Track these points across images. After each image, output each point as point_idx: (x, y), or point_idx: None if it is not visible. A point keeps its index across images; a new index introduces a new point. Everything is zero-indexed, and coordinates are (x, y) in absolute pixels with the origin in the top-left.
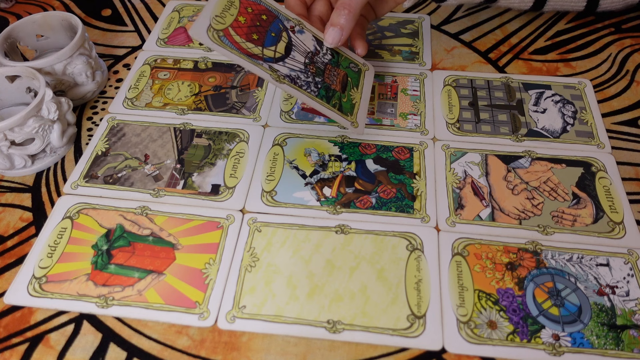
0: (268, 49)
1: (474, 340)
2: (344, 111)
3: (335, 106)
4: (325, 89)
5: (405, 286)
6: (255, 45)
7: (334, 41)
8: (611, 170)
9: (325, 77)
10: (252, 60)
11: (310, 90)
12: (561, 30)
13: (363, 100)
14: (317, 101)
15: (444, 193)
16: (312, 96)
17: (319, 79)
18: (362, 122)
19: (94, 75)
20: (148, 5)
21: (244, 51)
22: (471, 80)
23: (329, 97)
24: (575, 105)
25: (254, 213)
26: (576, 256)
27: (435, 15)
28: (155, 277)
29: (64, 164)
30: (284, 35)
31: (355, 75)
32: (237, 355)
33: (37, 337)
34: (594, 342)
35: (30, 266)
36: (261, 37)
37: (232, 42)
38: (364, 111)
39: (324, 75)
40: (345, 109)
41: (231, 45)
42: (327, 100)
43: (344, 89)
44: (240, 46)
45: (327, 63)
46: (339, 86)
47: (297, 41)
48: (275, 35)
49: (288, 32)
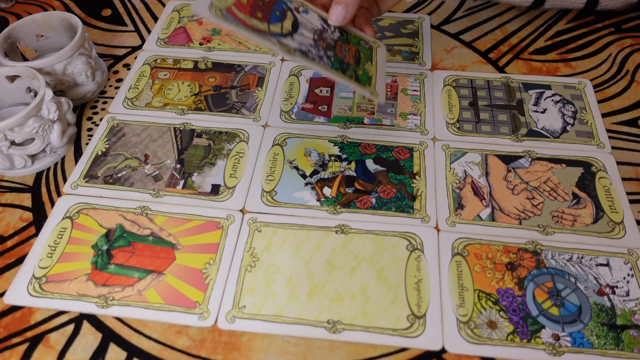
0: (274, 24)
1: (474, 340)
2: (361, 82)
3: (351, 77)
4: (339, 62)
5: (405, 286)
6: (261, 22)
7: (339, 18)
8: (611, 170)
9: (337, 52)
10: (260, 34)
11: (325, 63)
12: (561, 30)
13: (379, 73)
14: (333, 72)
15: (444, 193)
16: (327, 68)
17: (330, 52)
18: (382, 92)
19: (94, 75)
20: (148, 5)
21: (250, 27)
22: (471, 80)
23: (343, 69)
24: (575, 105)
25: (254, 213)
26: (576, 256)
27: (435, 15)
28: (155, 277)
29: (64, 164)
30: (288, 14)
31: (367, 52)
32: (237, 355)
33: (37, 337)
34: (594, 342)
35: (30, 266)
36: (265, 15)
37: (237, 18)
38: (382, 82)
39: (335, 50)
40: (363, 81)
41: (235, 21)
42: (342, 72)
43: (358, 62)
44: (245, 22)
45: (337, 40)
46: (352, 60)
47: (303, 19)
48: (280, 15)
49: (293, 11)
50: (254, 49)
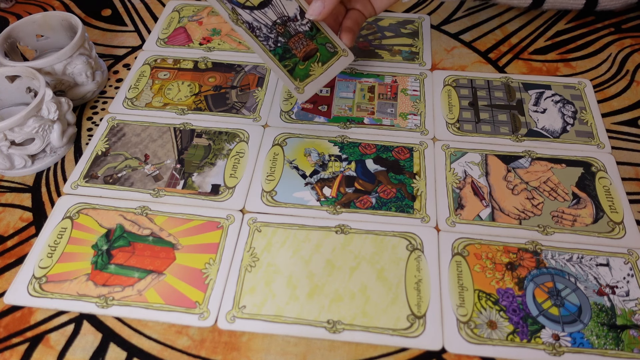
0: None
1: (474, 340)
2: (294, 75)
3: (286, 67)
4: (283, 50)
5: (405, 286)
6: None
7: (314, 12)
8: (611, 170)
9: (289, 41)
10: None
11: (267, 45)
12: (561, 30)
13: (322, 76)
14: (269, 55)
15: (444, 193)
16: (265, 49)
17: (282, 39)
18: (310, 92)
19: (94, 75)
20: (148, 5)
21: None
22: (471, 80)
23: (284, 57)
24: (575, 105)
25: (254, 213)
26: (576, 256)
27: (435, 15)
28: (155, 277)
29: (64, 164)
30: None
31: (328, 54)
32: (237, 355)
33: (37, 337)
34: (594, 342)
35: (30, 266)
36: None
37: None
38: (318, 84)
39: (289, 40)
40: (297, 74)
41: None
42: (280, 59)
43: (306, 59)
44: None
45: (301, 32)
46: (301, 54)
47: (277, 3)
48: None
49: None
50: None
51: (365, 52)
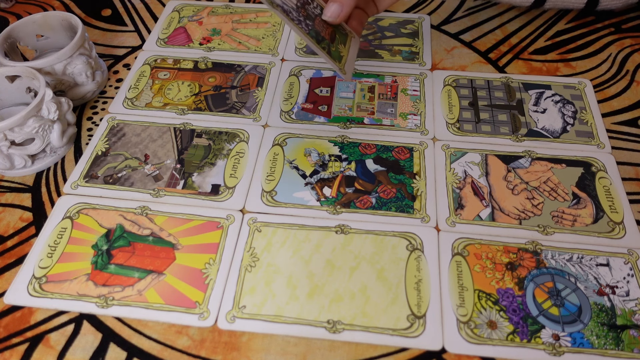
0: None
1: (474, 340)
2: (332, 57)
3: (324, 49)
4: (315, 32)
5: (405, 286)
6: None
7: (333, 15)
8: (611, 170)
9: (315, 24)
10: None
11: (302, 27)
12: (561, 30)
13: (350, 56)
14: (310, 38)
15: (444, 193)
16: (304, 32)
17: (309, 22)
18: (349, 72)
19: (94, 75)
20: (148, 5)
21: None
22: (471, 80)
23: (319, 39)
24: (575, 105)
25: (254, 213)
26: (576, 256)
27: (435, 15)
28: (155, 277)
29: (64, 164)
30: None
31: (343, 36)
32: (237, 355)
33: (37, 337)
34: (594, 342)
35: (30, 266)
36: None
37: None
38: (351, 63)
39: (314, 22)
40: (335, 56)
41: None
42: (317, 41)
43: (333, 40)
44: None
45: (318, 15)
46: (328, 36)
47: None
48: None
49: None
50: (254, 49)
51: (365, 52)
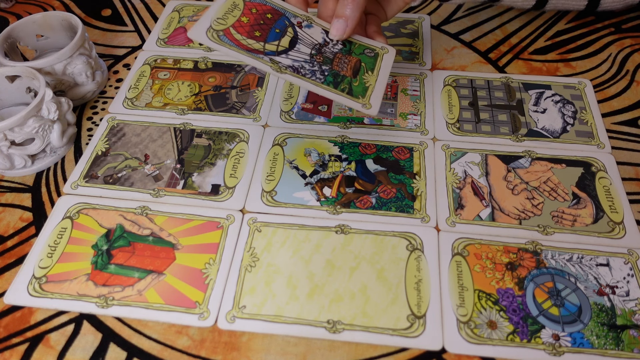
0: (270, 43)
1: (474, 340)
2: (354, 94)
3: (344, 91)
4: (333, 76)
5: (405, 286)
6: (257, 41)
7: (339, 32)
8: (611, 170)
9: (333, 65)
10: (252, 54)
11: (316, 78)
12: (561, 30)
13: (379, 83)
14: (323, 87)
15: (444, 193)
16: (316, 83)
17: (326, 67)
18: (376, 103)
19: (94, 75)
20: (148, 5)
21: (244, 47)
22: (471, 80)
23: (337, 82)
24: (575, 105)
25: (254, 213)
26: (576, 256)
27: (435, 15)
28: (155, 277)
29: (64, 164)
30: (289, 30)
31: (371, 60)
32: (237, 355)
33: (37, 337)
34: (594, 342)
35: (30, 266)
36: (264, 33)
37: (232, 39)
38: (380, 93)
39: (332, 64)
40: (357, 93)
41: (230, 42)
42: (334, 85)
43: (356, 74)
44: (240, 43)
45: (337, 52)
46: (349, 72)
47: (303, 35)
48: (280, 31)
49: (294, 27)
50: None
51: None
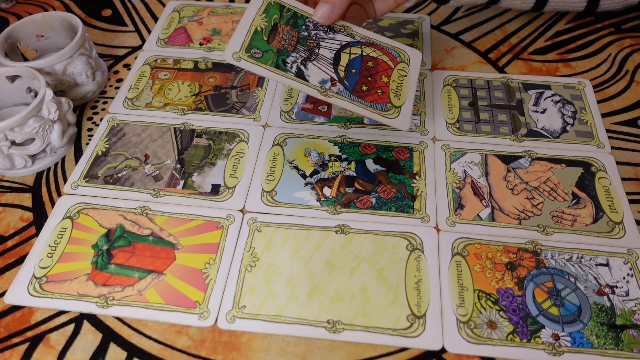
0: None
1: (474, 340)
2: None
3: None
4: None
5: (405, 286)
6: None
7: (324, 16)
8: (611, 170)
9: (364, 97)
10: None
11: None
12: (561, 31)
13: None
14: (360, 106)
15: (444, 193)
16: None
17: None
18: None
19: (94, 75)
20: (148, 5)
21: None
22: (471, 80)
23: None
24: (575, 105)
25: (254, 213)
26: (576, 256)
27: (435, 16)
28: (155, 277)
29: (64, 164)
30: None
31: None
32: (237, 355)
33: (37, 337)
34: (593, 342)
35: (30, 266)
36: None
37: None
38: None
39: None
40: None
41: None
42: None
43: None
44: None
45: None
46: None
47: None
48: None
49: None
50: None
51: None
